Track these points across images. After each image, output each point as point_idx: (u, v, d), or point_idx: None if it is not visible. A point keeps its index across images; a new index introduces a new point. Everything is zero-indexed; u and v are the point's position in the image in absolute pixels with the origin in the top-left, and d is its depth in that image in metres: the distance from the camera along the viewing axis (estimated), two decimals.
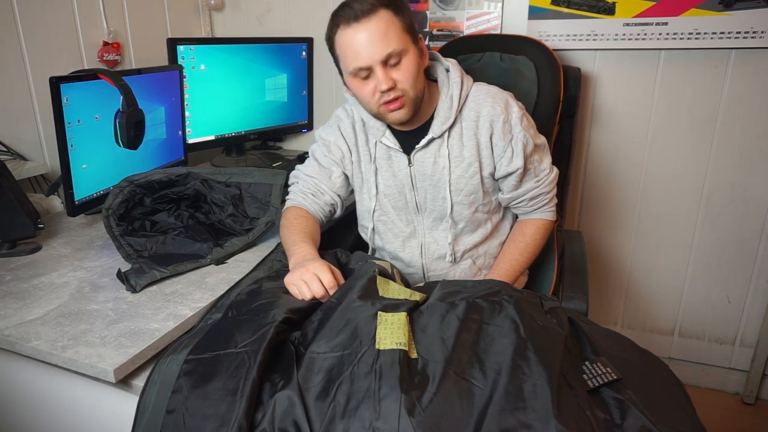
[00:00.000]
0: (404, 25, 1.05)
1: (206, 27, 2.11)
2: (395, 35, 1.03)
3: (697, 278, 1.80)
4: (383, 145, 1.19)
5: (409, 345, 0.83)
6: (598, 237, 1.86)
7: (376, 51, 1.03)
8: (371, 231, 1.26)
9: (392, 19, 1.03)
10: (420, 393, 0.75)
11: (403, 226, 1.23)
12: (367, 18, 1.02)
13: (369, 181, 1.22)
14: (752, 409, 1.80)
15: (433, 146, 1.15)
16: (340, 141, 1.23)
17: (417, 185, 1.18)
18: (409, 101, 1.08)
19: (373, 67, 1.04)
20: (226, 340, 0.84)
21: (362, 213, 1.28)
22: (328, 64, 2.04)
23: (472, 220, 1.19)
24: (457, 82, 1.14)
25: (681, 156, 1.70)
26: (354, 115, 1.23)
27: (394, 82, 1.05)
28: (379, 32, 1.02)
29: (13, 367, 0.96)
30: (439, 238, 1.21)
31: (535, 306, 0.94)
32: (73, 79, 1.22)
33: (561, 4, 1.65)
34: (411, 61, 1.06)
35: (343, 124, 1.24)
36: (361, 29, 1.03)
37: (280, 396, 0.76)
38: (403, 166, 1.18)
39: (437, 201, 1.18)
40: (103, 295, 1.03)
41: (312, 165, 1.26)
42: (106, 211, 1.16)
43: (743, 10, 1.49)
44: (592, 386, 0.78)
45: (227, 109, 1.85)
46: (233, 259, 1.19)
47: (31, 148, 1.48)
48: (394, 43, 1.03)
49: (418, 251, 1.23)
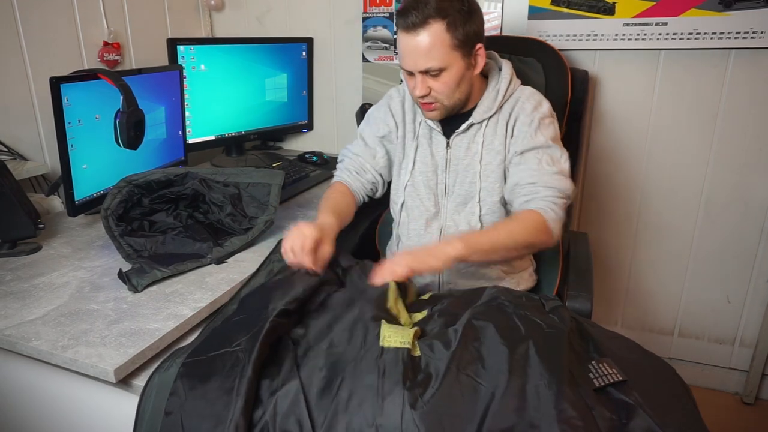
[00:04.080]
0: (455, 42, 1.08)
1: (206, 27, 2.11)
2: (439, 53, 1.07)
3: (697, 278, 1.80)
4: (427, 125, 1.25)
5: (413, 343, 0.84)
6: (598, 237, 1.86)
7: (417, 63, 1.10)
8: (401, 206, 1.30)
9: (442, 36, 1.06)
10: (423, 389, 0.76)
11: (429, 205, 1.26)
12: (416, 31, 1.07)
13: (409, 156, 1.27)
14: (752, 409, 1.80)
15: (471, 132, 1.21)
16: (388, 117, 1.30)
17: (450, 168, 1.23)
18: (442, 107, 1.16)
19: (414, 72, 1.12)
20: (222, 341, 0.85)
21: (396, 187, 1.32)
22: (328, 64, 2.05)
23: (495, 209, 1.21)
24: (506, 79, 1.20)
25: (681, 156, 1.70)
26: (405, 94, 1.30)
27: (429, 90, 1.12)
28: (425, 48, 1.07)
29: (13, 367, 0.97)
30: (459, 222, 1.23)
31: (536, 306, 0.94)
32: (73, 79, 1.22)
33: (561, 4, 1.65)
34: (451, 76, 1.11)
35: (393, 102, 1.31)
36: (410, 39, 1.08)
37: (282, 393, 0.77)
38: (441, 148, 1.24)
39: (464, 185, 1.22)
40: (103, 295, 1.03)
41: (358, 144, 1.35)
42: (104, 212, 1.16)
43: (743, 10, 1.49)
44: (598, 385, 0.78)
45: (227, 109, 1.85)
46: (233, 259, 1.19)
47: (31, 148, 1.49)
48: (435, 61, 1.08)
49: (438, 234, 1.25)
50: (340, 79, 2.04)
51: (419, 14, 1.06)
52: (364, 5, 1.89)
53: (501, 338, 0.83)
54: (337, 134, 2.12)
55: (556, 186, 1.12)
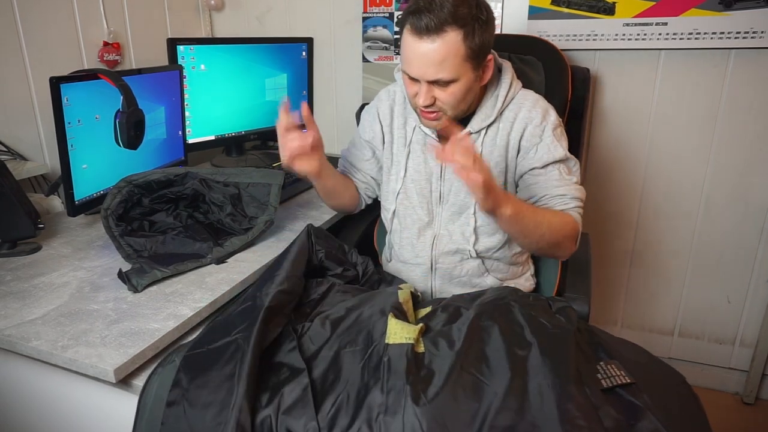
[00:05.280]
0: (468, 52, 1.00)
1: (206, 27, 2.11)
2: (452, 64, 1.00)
3: (697, 278, 1.80)
4: (421, 131, 1.20)
5: (417, 339, 0.85)
6: (598, 237, 1.85)
7: (426, 73, 1.01)
8: (392, 213, 1.26)
9: (457, 46, 0.98)
10: (426, 386, 0.76)
11: (422, 214, 1.22)
12: (430, 37, 0.98)
13: (399, 163, 1.23)
14: (752, 409, 1.80)
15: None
16: (374, 121, 1.27)
17: (445, 176, 1.19)
18: (445, 117, 1.09)
19: (420, 80, 1.04)
20: (222, 332, 0.86)
21: (387, 194, 1.28)
22: (328, 64, 2.05)
23: (488, 221, 1.16)
24: (506, 84, 1.14)
25: (681, 156, 1.70)
26: (396, 96, 1.25)
27: (434, 100, 1.05)
28: (438, 57, 0.99)
29: (13, 367, 0.97)
30: (453, 232, 1.20)
31: (543, 307, 0.94)
32: (73, 79, 1.22)
33: (561, 4, 1.65)
34: (460, 88, 1.04)
35: (382, 105, 1.26)
36: (422, 44, 0.99)
37: (287, 388, 0.78)
38: None
39: (460, 194, 1.17)
40: (103, 295, 1.03)
41: (350, 147, 1.36)
42: (104, 212, 1.16)
43: (743, 10, 1.49)
44: (605, 386, 0.78)
45: (227, 109, 1.85)
46: (233, 259, 1.19)
47: (31, 148, 1.48)
48: (447, 72, 1.00)
49: (430, 242, 1.22)
50: (340, 79, 2.04)
51: (435, 18, 0.96)
52: (364, 5, 1.89)
53: (505, 338, 0.84)
54: (337, 134, 2.11)
55: (579, 197, 1.12)
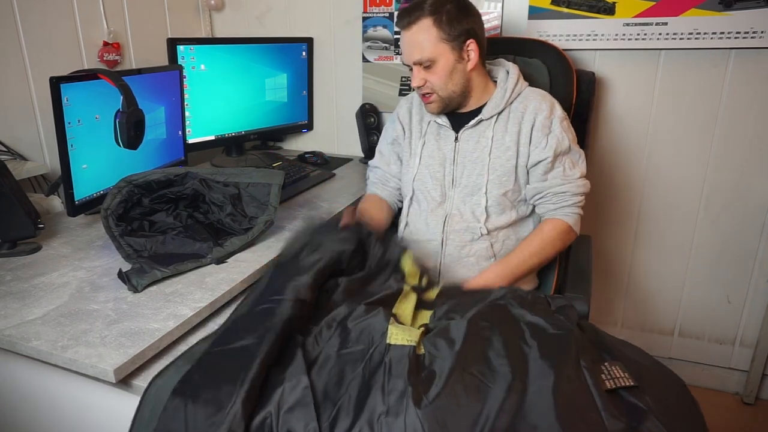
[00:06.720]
0: (442, 35, 1.20)
1: (206, 27, 2.11)
2: (429, 45, 1.21)
3: (697, 278, 1.80)
4: (435, 123, 1.35)
5: (418, 342, 0.85)
6: (598, 237, 1.86)
7: (412, 54, 1.23)
8: (410, 199, 1.38)
9: (429, 30, 1.20)
10: (427, 387, 0.77)
11: (436, 195, 1.33)
12: (408, 27, 1.22)
13: (415, 153, 1.37)
14: (752, 409, 1.80)
15: (480, 128, 1.29)
16: (396, 124, 1.43)
17: (458, 160, 1.31)
18: (438, 99, 1.27)
19: (410, 65, 1.25)
20: (239, 332, 0.87)
21: (405, 182, 1.40)
22: (328, 64, 2.05)
23: (500, 201, 1.28)
24: (513, 79, 1.29)
25: (681, 156, 1.70)
26: (414, 99, 1.42)
27: (424, 81, 1.25)
28: (415, 40, 1.22)
29: (13, 367, 0.97)
30: (464, 211, 1.30)
31: (542, 306, 0.94)
32: (73, 79, 1.22)
33: (561, 4, 1.65)
34: (442, 67, 1.22)
35: (401, 109, 1.43)
36: (405, 34, 1.24)
37: (288, 386, 0.78)
38: (450, 141, 1.32)
39: (472, 176, 1.29)
40: (103, 295, 1.03)
41: (377, 156, 1.49)
42: (104, 212, 1.16)
43: (743, 10, 1.49)
44: (609, 387, 0.78)
45: (227, 109, 1.85)
46: (233, 259, 1.19)
47: (31, 148, 1.48)
48: (426, 52, 1.21)
49: (442, 221, 1.31)
50: (340, 79, 2.04)
51: (413, 13, 1.21)
52: (364, 5, 1.89)
53: (506, 339, 0.84)
54: (337, 134, 2.12)
55: (581, 192, 1.28)
